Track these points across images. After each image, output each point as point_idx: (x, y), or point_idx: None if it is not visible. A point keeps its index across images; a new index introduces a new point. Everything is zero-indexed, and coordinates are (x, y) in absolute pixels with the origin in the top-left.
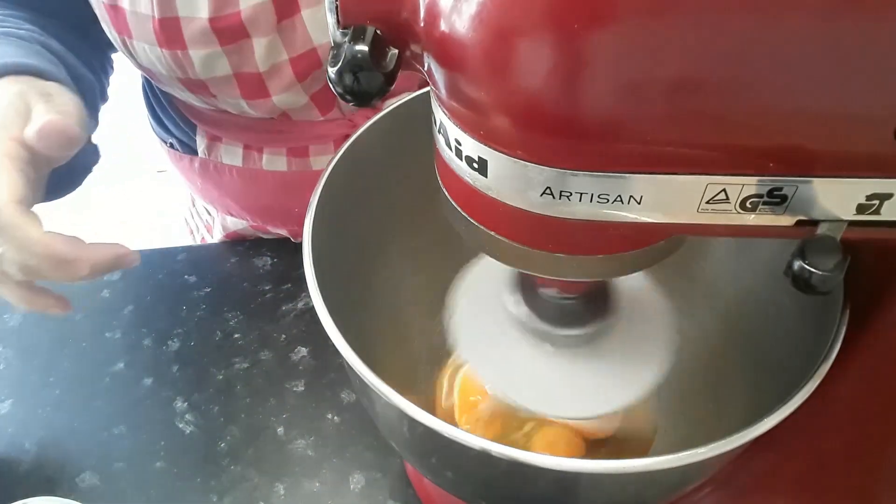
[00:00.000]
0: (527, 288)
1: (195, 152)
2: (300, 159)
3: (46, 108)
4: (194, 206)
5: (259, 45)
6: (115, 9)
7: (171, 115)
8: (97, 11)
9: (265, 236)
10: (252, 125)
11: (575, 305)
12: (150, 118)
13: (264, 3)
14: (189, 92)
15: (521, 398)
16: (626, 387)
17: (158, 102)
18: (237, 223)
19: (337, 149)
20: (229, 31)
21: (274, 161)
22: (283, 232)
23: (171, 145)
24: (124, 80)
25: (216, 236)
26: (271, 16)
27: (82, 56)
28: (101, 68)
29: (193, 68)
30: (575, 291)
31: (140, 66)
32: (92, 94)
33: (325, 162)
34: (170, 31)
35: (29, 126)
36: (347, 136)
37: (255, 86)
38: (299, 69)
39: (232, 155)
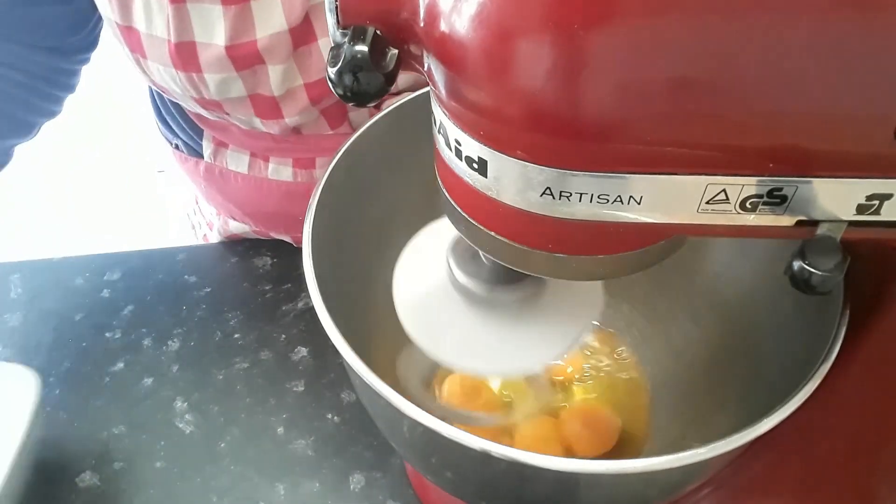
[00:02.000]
0: (462, 250)
1: (201, 156)
2: (306, 170)
3: None
4: (198, 203)
5: (274, 72)
6: (129, 30)
7: (178, 119)
8: (111, 30)
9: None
10: (260, 135)
11: (502, 267)
12: (156, 119)
13: (281, 33)
14: (202, 108)
15: (452, 357)
16: (550, 344)
17: (165, 106)
18: (239, 227)
19: None
20: (245, 59)
21: (279, 171)
22: (286, 238)
23: (177, 146)
24: (126, 82)
25: (216, 238)
26: (288, 44)
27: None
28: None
29: (208, 90)
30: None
31: (153, 83)
32: None
33: None
34: (185, 54)
35: None
36: None
37: (269, 107)
38: (314, 94)
39: (238, 161)
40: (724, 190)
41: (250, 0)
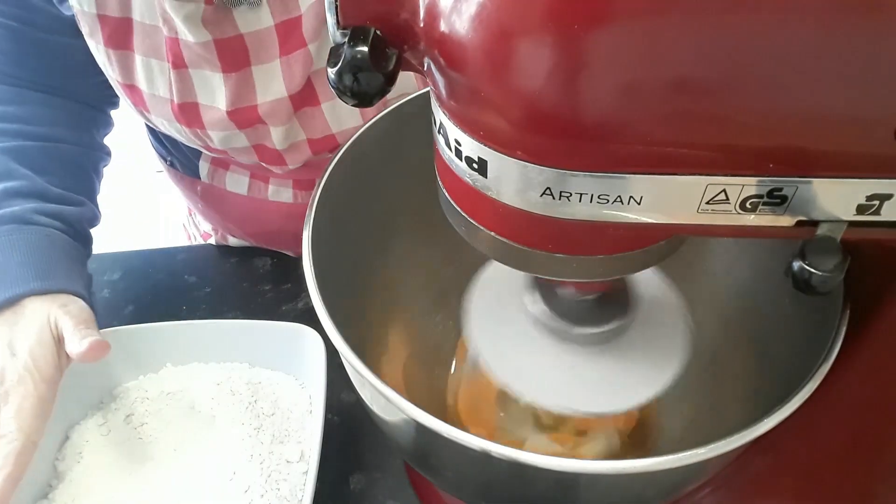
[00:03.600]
0: (544, 286)
1: (197, 175)
2: (306, 192)
3: (74, 328)
4: (192, 216)
5: (276, 132)
6: (131, 88)
7: (174, 138)
8: (113, 85)
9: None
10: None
11: (592, 304)
12: (148, 134)
13: (281, 100)
14: (207, 151)
15: (538, 396)
16: (645, 384)
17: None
18: (237, 242)
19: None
20: (247, 121)
21: (280, 192)
22: (288, 253)
23: (171, 164)
24: None
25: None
26: (288, 109)
27: (80, 154)
28: (100, 153)
29: (213, 142)
30: (591, 290)
31: (158, 130)
32: (85, 225)
33: None
34: (188, 114)
35: (72, 347)
36: None
37: (273, 157)
38: (317, 148)
39: (237, 183)
40: (724, 190)
41: (251, 66)
